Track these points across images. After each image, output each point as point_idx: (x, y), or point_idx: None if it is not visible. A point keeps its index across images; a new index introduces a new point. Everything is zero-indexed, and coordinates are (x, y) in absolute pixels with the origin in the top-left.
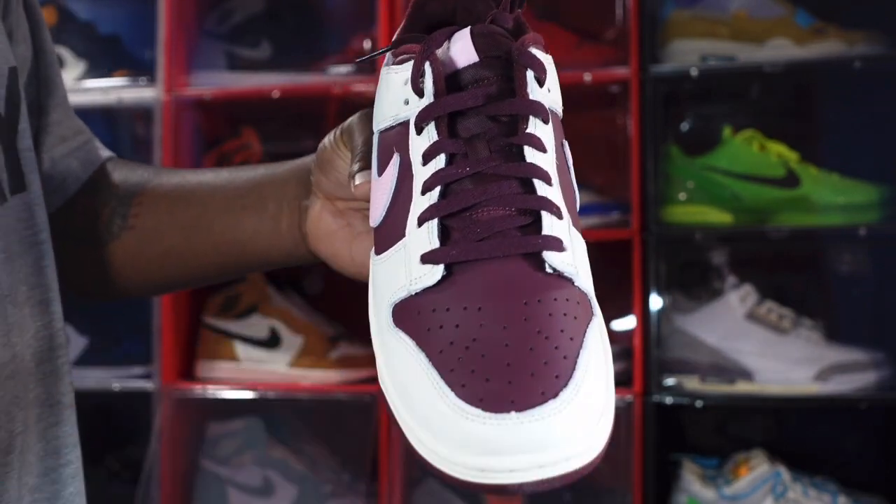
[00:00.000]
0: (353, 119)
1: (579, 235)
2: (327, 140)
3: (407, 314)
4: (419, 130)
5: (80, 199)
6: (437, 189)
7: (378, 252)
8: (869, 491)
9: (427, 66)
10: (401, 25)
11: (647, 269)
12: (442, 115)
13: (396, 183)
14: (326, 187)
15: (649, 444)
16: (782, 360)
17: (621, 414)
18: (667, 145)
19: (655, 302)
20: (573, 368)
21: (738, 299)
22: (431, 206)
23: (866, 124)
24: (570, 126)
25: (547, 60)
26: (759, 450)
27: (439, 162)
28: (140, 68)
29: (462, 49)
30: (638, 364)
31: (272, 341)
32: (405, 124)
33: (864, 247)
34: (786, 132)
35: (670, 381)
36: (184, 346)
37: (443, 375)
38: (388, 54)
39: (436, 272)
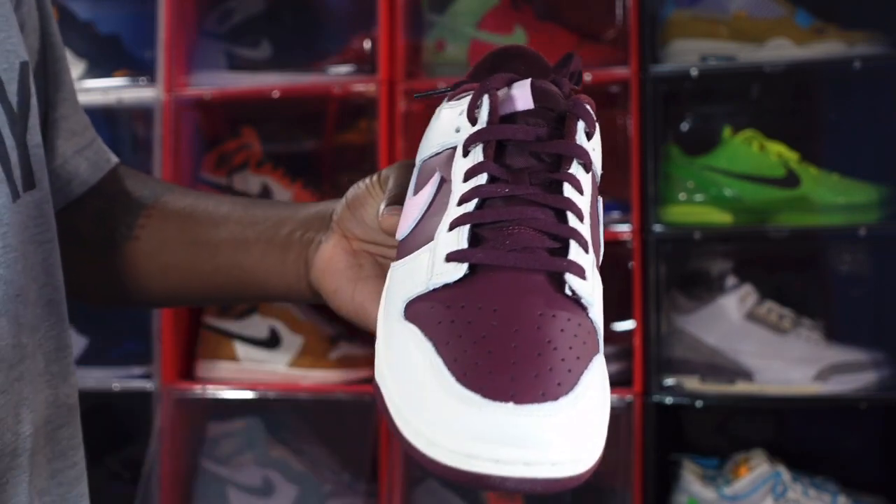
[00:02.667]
0: (392, 166)
1: (599, 280)
2: (363, 183)
3: (420, 308)
4: (466, 153)
5: (88, 202)
6: (475, 201)
7: (399, 258)
8: (869, 491)
9: (485, 98)
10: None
11: (647, 269)
12: (491, 140)
13: (432, 198)
14: (349, 224)
15: (649, 444)
16: (782, 360)
17: (621, 414)
18: (667, 145)
19: (655, 302)
20: (576, 382)
21: (738, 299)
22: (466, 214)
23: (866, 124)
24: None
25: (596, 124)
26: (759, 450)
27: (480, 180)
28: (140, 68)
29: (520, 95)
30: (638, 364)
31: (272, 341)
32: (452, 149)
33: (864, 247)
34: (786, 132)
35: (670, 381)
36: (184, 346)
37: (446, 363)
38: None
39: (459, 270)
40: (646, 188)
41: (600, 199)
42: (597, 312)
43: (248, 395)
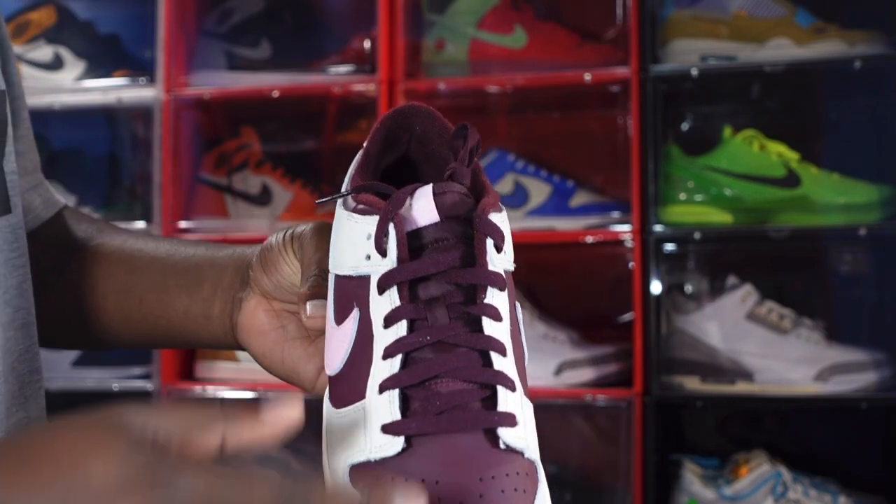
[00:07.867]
0: (305, 228)
1: (528, 402)
2: (274, 240)
3: (365, 478)
4: (381, 291)
5: (37, 239)
6: (399, 357)
7: (335, 405)
8: (869, 491)
9: (391, 228)
10: (358, 158)
11: (647, 269)
12: (404, 281)
13: (356, 338)
14: (265, 286)
15: (649, 444)
16: (782, 360)
17: (622, 414)
18: (667, 145)
19: (655, 302)
20: None
21: (738, 299)
22: (393, 376)
23: (866, 124)
24: (571, 126)
25: (502, 222)
26: (760, 450)
27: (401, 328)
28: (140, 68)
29: (423, 208)
30: (638, 364)
31: None
32: (365, 279)
33: (864, 247)
34: (786, 132)
35: (670, 381)
36: None
37: None
38: (345, 194)
39: (396, 443)
40: (646, 188)
41: (517, 305)
42: (531, 448)
43: (248, 395)
